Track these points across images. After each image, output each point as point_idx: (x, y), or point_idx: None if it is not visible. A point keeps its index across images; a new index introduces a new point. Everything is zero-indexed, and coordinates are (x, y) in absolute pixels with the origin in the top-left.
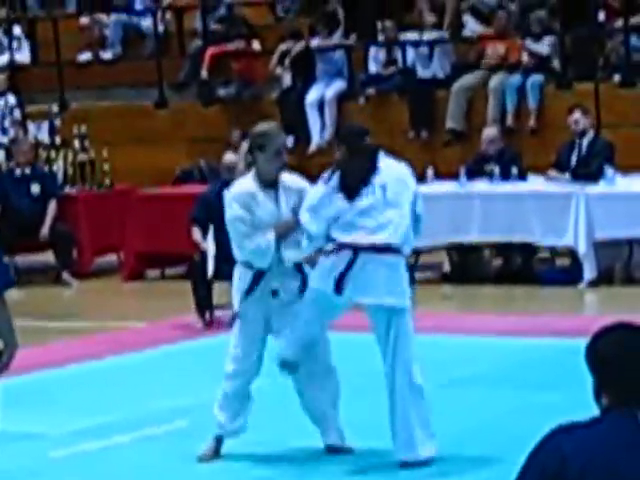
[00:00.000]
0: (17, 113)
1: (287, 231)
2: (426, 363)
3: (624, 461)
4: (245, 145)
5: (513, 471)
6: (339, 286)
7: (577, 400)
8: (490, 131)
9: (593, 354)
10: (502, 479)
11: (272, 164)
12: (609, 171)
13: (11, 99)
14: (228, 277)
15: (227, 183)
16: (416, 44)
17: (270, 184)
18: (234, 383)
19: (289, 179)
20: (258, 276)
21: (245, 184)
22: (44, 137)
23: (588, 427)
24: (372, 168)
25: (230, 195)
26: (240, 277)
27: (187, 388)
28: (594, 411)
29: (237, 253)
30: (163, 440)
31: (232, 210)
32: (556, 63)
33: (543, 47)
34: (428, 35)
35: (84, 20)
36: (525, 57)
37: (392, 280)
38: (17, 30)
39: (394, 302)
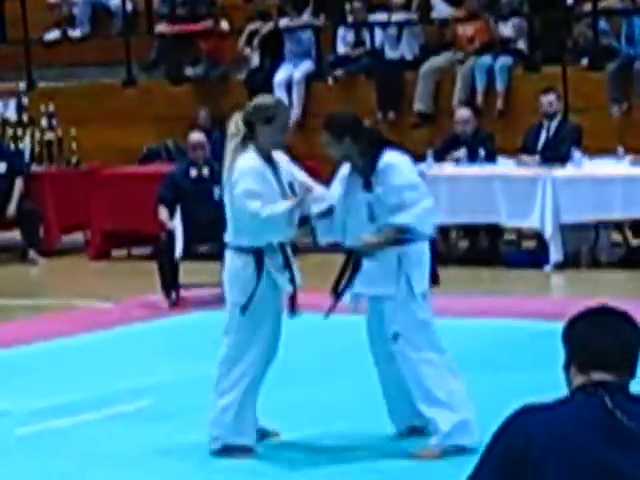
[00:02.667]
0: None
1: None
2: None
3: (588, 442)
4: (237, 116)
5: (480, 451)
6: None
7: (544, 381)
8: (464, 112)
9: (570, 329)
10: (471, 459)
11: (278, 138)
12: (576, 154)
13: None
14: (196, 257)
15: (194, 163)
16: (384, 25)
17: (269, 159)
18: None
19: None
20: (259, 258)
21: (252, 160)
22: (11, 115)
23: (554, 408)
24: None
25: (241, 170)
26: (241, 265)
27: (152, 368)
28: (561, 392)
29: (239, 235)
30: (127, 419)
31: (245, 184)
32: (524, 45)
33: (506, 28)
34: (397, 17)
35: None
36: (493, 40)
37: None
38: None
39: None
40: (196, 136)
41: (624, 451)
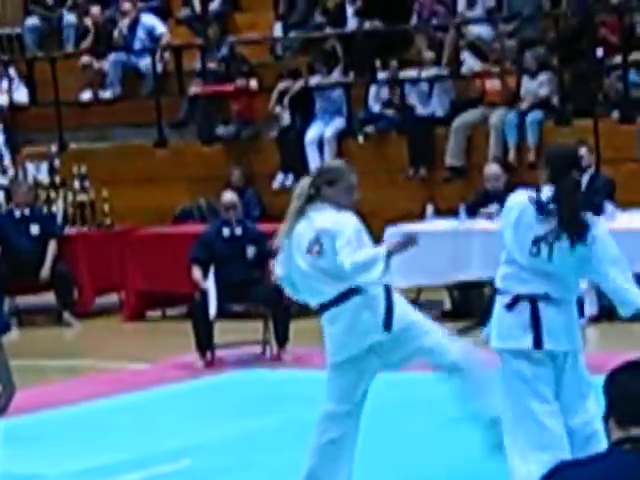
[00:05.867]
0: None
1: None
2: (433, 400)
3: None
4: (305, 180)
5: None
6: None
7: None
8: (493, 168)
9: (610, 382)
10: None
11: (342, 200)
12: (609, 207)
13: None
14: (230, 316)
15: (227, 222)
16: (415, 81)
17: None
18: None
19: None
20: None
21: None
22: (43, 177)
23: (591, 464)
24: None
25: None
26: (369, 307)
27: (188, 428)
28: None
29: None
30: None
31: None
32: (555, 99)
33: (542, 89)
34: (427, 72)
35: (85, 59)
36: (523, 95)
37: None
38: (11, 71)
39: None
40: (228, 196)
41: None
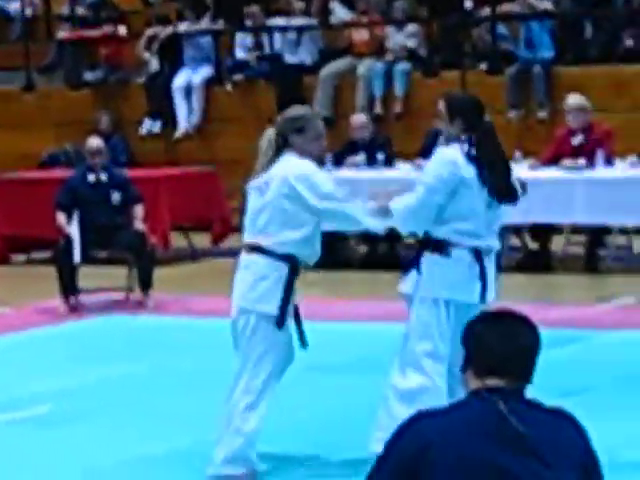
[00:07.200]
0: None
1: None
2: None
3: (483, 447)
4: (269, 131)
5: None
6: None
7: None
8: (359, 117)
9: (468, 333)
10: (367, 464)
11: (311, 148)
12: None
13: None
14: (94, 262)
15: (92, 168)
16: (284, 30)
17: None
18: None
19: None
20: (294, 270)
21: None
22: None
23: (449, 413)
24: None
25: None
26: (271, 273)
27: (50, 373)
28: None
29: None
30: (25, 425)
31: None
32: (422, 51)
33: (410, 40)
34: (296, 21)
35: None
36: (391, 46)
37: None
38: None
39: None
40: (93, 142)
41: (517, 455)
